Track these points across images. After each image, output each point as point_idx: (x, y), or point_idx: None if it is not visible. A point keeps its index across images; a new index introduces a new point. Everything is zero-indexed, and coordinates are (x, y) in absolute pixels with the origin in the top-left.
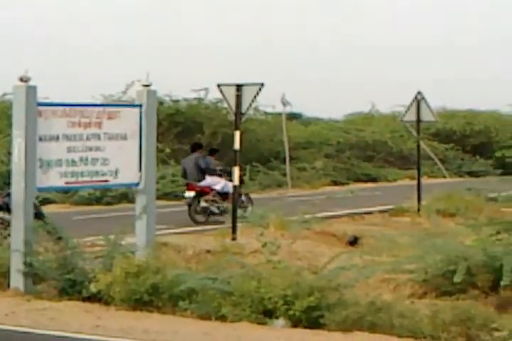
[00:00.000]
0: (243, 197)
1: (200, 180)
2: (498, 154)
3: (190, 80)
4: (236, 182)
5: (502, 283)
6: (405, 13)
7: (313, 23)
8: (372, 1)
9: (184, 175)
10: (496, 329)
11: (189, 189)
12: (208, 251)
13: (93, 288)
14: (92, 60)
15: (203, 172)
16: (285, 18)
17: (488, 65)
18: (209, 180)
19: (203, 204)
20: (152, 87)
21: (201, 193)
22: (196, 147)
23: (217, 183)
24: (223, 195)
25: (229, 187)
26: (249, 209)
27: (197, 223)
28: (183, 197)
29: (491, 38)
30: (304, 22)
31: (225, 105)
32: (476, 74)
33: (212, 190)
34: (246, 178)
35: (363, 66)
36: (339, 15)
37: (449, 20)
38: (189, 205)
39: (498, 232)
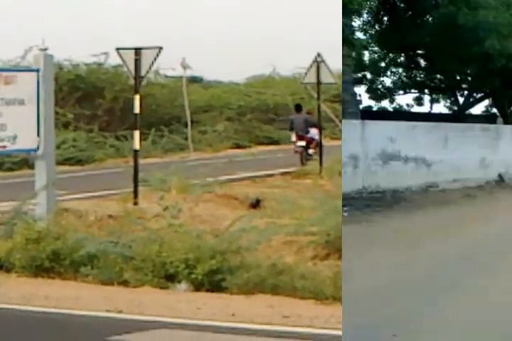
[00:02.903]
0: (310, 151)
1: (305, 133)
2: None
3: (88, 45)
4: (137, 146)
5: None
6: None
7: None
8: None
9: (291, 128)
10: None
11: (300, 139)
12: (110, 216)
13: None
14: None
15: (307, 126)
16: None
17: None
18: (312, 132)
19: (310, 151)
20: (49, 52)
21: (308, 142)
22: (299, 108)
23: (316, 134)
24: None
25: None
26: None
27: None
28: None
29: None
30: None
31: (125, 69)
32: None
33: (313, 140)
34: (148, 142)
35: (263, 27)
36: None
37: None
38: (301, 153)
39: None
